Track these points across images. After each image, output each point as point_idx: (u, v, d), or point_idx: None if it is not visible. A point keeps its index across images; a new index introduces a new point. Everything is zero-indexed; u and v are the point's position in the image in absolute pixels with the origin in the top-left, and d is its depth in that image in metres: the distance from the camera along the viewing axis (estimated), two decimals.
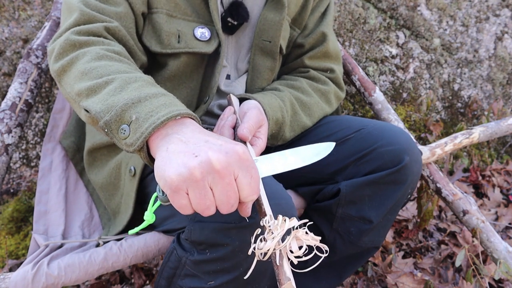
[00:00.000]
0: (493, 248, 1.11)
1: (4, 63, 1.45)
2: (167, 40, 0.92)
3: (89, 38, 0.79)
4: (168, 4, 0.92)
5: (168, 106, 0.64)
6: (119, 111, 0.64)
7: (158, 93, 0.67)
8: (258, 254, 0.59)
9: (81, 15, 0.82)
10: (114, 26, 0.83)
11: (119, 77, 0.69)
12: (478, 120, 1.90)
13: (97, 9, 0.84)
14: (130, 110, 0.63)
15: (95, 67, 0.72)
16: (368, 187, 0.94)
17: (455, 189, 1.22)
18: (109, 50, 0.77)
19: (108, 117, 0.64)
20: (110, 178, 1.02)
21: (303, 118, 1.03)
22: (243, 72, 1.07)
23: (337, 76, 1.14)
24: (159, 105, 0.64)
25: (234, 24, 0.99)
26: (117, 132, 0.64)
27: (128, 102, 0.64)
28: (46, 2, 1.48)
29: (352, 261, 1.06)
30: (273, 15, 1.01)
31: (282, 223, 0.60)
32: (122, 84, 0.68)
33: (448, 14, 1.81)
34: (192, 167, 0.55)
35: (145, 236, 0.94)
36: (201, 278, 0.79)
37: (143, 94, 0.65)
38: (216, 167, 0.55)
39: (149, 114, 0.62)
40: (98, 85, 0.69)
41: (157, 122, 0.61)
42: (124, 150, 0.65)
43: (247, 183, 0.58)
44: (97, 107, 0.66)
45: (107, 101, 0.66)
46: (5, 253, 1.39)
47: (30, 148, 1.51)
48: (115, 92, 0.67)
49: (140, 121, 0.62)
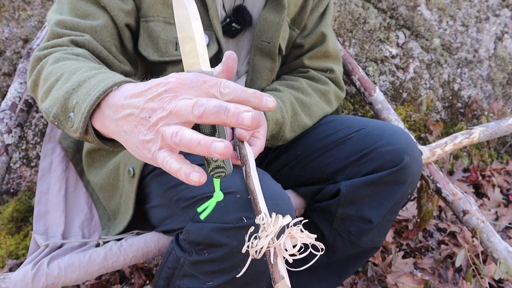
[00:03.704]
0: (493, 248, 1.11)
1: (4, 63, 1.45)
2: (165, 48, 0.92)
3: (52, 49, 0.79)
4: (165, 11, 0.91)
5: (105, 80, 0.59)
6: (62, 100, 0.63)
7: (98, 73, 0.64)
8: (252, 252, 0.59)
9: (51, 34, 0.83)
10: (83, 39, 0.82)
11: (66, 71, 0.68)
12: (478, 120, 1.90)
13: (71, 26, 0.84)
14: (72, 96, 0.62)
15: (51, 70, 0.71)
16: (368, 187, 0.94)
17: (455, 189, 1.22)
18: (68, 53, 0.76)
19: (55, 110, 0.64)
20: (108, 179, 1.02)
21: (304, 118, 1.03)
22: (243, 73, 1.07)
23: (337, 76, 1.14)
24: (96, 82, 0.60)
25: (238, 29, 0.99)
26: (66, 123, 0.63)
27: (69, 89, 0.63)
28: (46, 2, 1.48)
29: (352, 261, 1.06)
30: (273, 16, 1.00)
31: (276, 220, 0.60)
32: (68, 76, 0.67)
33: (448, 14, 1.81)
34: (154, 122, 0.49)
35: (145, 236, 0.94)
36: (200, 279, 0.79)
37: (83, 77, 0.63)
38: (171, 87, 0.52)
39: (87, 94, 0.59)
40: (50, 85, 0.69)
41: (93, 98, 0.57)
42: (75, 137, 0.63)
43: None
44: (46, 105, 0.66)
45: (54, 95, 0.66)
46: (5, 253, 1.39)
47: (30, 148, 1.51)
48: (62, 85, 0.66)
49: (80, 103, 0.59)
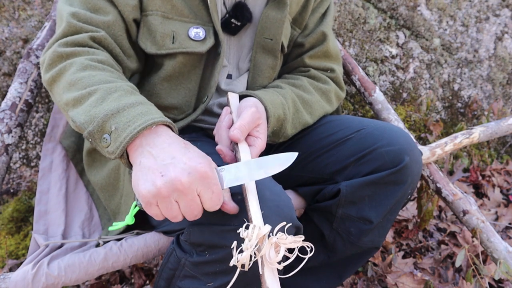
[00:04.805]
0: (493, 248, 1.11)
1: (4, 63, 1.45)
2: (162, 41, 0.93)
3: (75, 49, 0.83)
4: (164, 6, 0.93)
5: (144, 115, 0.70)
6: (100, 122, 0.70)
7: (136, 102, 0.73)
8: (239, 265, 0.62)
9: (68, 27, 0.87)
10: (100, 35, 0.87)
11: (101, 87, 0.75)
12: (478, 120, 1.90)
13: (85, 20, 0.88)
14: (110, 121, 0.70)
15: (80, 78, 0.77)
16: (368, 187, 0.94)
17: (455, 189, 1.22)
18: (93, 60, 0.82)
19: (91, 128, 0.71)
20: (109, 179, 1.02)
21: (305, 115, 1.03)
22: (245, 71, 1.07)
23: (338, 76, 1.14)
24: (136, 114, 0.70)
25: (238, 25, 1.00)
26: (100, 141, 0.71)
27: (108, 113, 0.70)
28: (46, 2, 1.48)
29: (352, 261, 1.06)
30: (275, 13, 1.01)
31: (252, 232, 0.61)
32: (104, 94, 0.74)
33: (448, 14, 1.81)
34: (158, 186, 0.64)
35: (145, 236, 0.94)
36: (200, 280, 0.79)
37: (122, 105, 0.71)
38: (179, 187, 0.64)
39: (126, 124, 0.69)
40: (82, 96, 0.75)
41: (133, 132, 0.68)
42: (107, 156, 0.72)
43: (208, 198, 0.67)
44: (81, 118, 0.73)
45: (89, 112, 0.72)
46: (5, 253, 1.39)
47: (30, 148, 1.51)
48: (97, 103, 0.73)
49: (119, 131, 0.69)
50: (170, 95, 0.99)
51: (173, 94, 0.99)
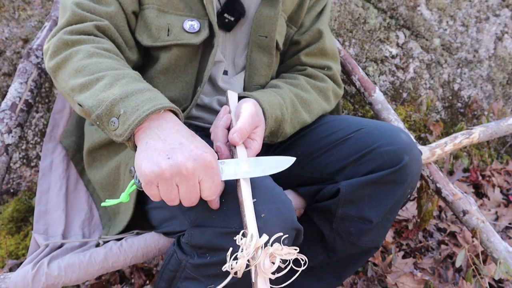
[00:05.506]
0: (493, 248, 1.11)
1: (4, 63, 1.45)
2: (157, 34, 0.95)
3: (80, 37, 0.85)
4: (160, 0, 0.95)
5: (153, 100, 0.72)
6: (109, 105, 0.72)
7: (143, 89, 0.75)
8: (232, 272, 0.62)
9: (73, 15, 0.89)
10: (104, 25, 0.89)
11: (109, 73, 0.76)
12: (478, 120, 1.90)
13: (89, 9, 0.90)
14: (119, 104, 0.72)
15: (87, 64, 0.79)
16: (367, 187, 0.94)
17: (455, 189, 1.22)
18: (99, 48, 0.84)
19: (100, 111, 0.72)
20: (109, 178, 1.02)
21: (303, 114, 1.04)
22: (241, 68, 1.07)
23: (335, 74, 1.15)
24: (144, 99, 0.72)
25: (231, 20, 1.01)
26: (108, 124, 0.72)
27: (117, 97, 0.72)
28: (46, 2, 1.48)
29: (352, 261, 1.06)
30: (268, 11, 1.03)
31: (250, 241, 0.61)
32: (112, 80, 0.75)
33: (448, 14, 1.81)
34: (163, 168, 0.65)
35: (145, 236, 0.94)
36: (201, 282, 0.79)
37: (130, 90, 0.73)
38: (183, 172, 0.65)
39: (135, 108, 0.71)
40: (90, 81, 0.76)
41: (142, 115, 0.69)
42: (114, 139, 0.73)
43: (208, 186, 0.69)
44: (89, 102, 0.74)
45: (98, 96, 0.73)
46: (5, 253, 1.39)
47: (30, 148, 1.51)
48: (105, 88, 0.74)
49: (128, 114, 0.70)
50: (168, 88, 1.00)
51: (171, 87, 1.00)
